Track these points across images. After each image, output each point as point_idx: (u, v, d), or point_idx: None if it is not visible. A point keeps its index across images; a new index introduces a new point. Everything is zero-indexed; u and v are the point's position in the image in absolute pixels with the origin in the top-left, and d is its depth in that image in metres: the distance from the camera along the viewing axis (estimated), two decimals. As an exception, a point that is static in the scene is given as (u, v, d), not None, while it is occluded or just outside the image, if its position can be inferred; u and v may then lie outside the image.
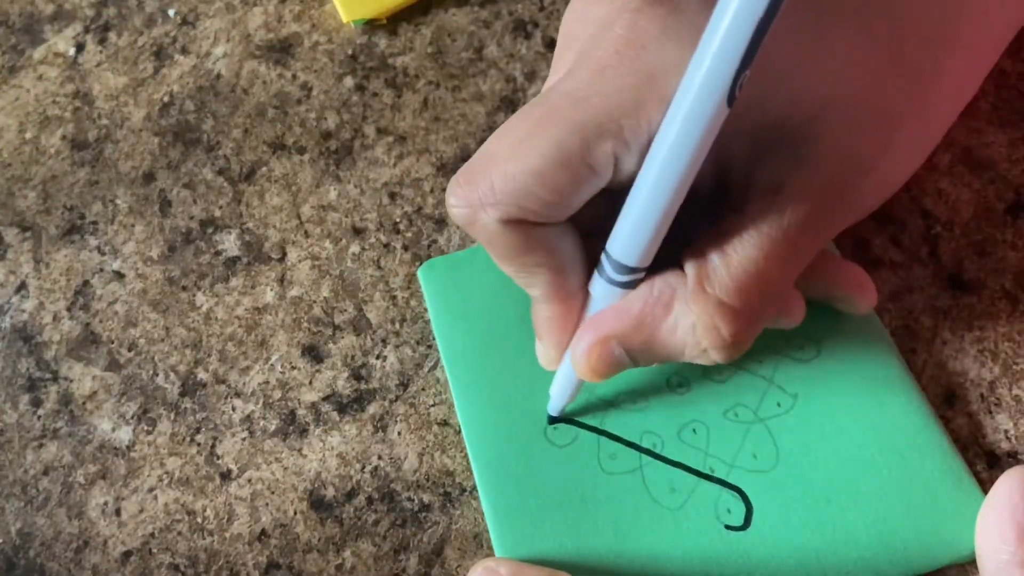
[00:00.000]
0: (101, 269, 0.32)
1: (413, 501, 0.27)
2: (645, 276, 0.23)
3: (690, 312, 0.23)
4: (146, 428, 0.29)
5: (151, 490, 0.28)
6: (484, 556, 0.26)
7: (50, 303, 0.32)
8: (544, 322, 0.25)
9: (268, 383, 0.29)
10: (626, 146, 0.21)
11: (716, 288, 0.22)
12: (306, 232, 0.32)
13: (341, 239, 0.32)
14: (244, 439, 0.29)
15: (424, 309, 0.30)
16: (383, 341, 0.30)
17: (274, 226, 0.32)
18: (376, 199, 0.33)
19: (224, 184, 0.34)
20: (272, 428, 0.29)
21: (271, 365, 0.30)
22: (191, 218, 0.33)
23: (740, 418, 0.27)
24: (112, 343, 0.31)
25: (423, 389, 0.29)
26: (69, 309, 0.31)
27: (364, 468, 0.28)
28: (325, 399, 0.29)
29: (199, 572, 0.27)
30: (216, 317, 0.31)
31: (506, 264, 0.24)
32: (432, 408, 0.29)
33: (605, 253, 0.23)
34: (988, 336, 0.29)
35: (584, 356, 0.24)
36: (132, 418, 0.29)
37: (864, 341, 0.28)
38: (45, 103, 0.36)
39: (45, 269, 0.32)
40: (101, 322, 0.31)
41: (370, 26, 0.37)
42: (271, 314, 0.31)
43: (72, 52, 0.37)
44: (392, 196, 0.33)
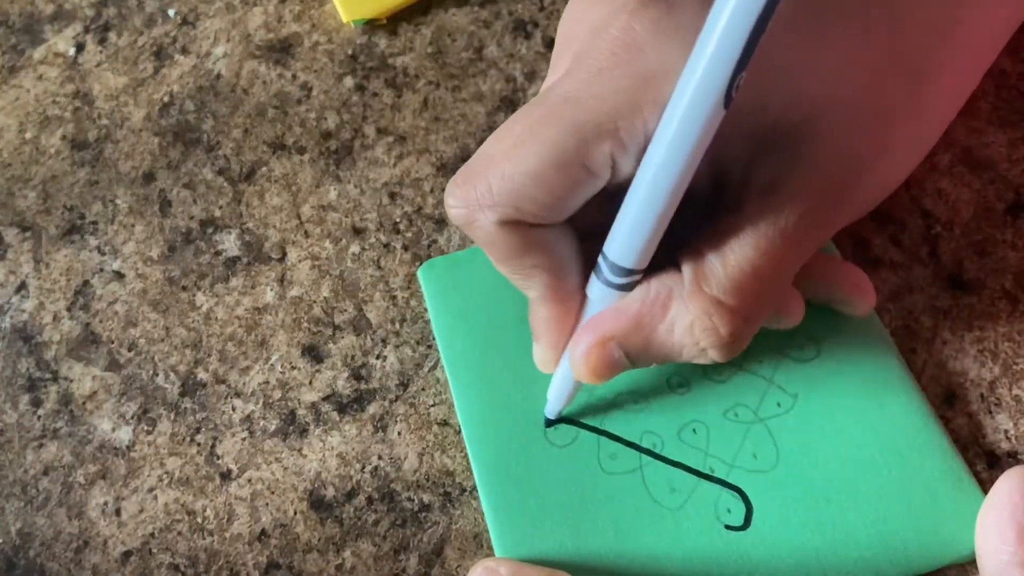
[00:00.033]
0: (101, 269, 0.32)
1: (413, 501, 0.27)
2: (642, 277, 0.23)
3: (688, 312, 0.23)
4: (146, 428, 0.29)
5: (151, 490, 0.28)
6: (484, 556, 0.26)
7: (50, 303, 0.32)
8: (541, 324, 0.25)
9: (268, 383, 0.29)
10: (623, 148, 0.21)
11: (713, 287, 0.22)
12: (306, 232, 0.32)
13: (341, 239, 0.32)
14: (244, 439, 0.29)
15: (424, 309, 0.30)
16: (383, 341, 0.30)
17: (274, 226, 0.32)
18: (376, 199, 0.33)
19: (224, 184, 0.34)
20: (272, 428, 0.29)
21: (271, 365, 0.30)
22: (191, 218, 0.33)
23: (740, 418, 0.27)
24: (112, 343, 0.31)
25: (423, 389, 0.29)
26: (69, 309, 0.31)
27: (364, 468, 0.28)
28: (325, 399, 0.29)
29: (199, 572, 0.27)
30: (216, 317, 0.31)
31: (504, 265, 0.24)
32: (432, 408, 0.29)
33: (602, 255, 0.23)
34: (988, 336, 0.29)
35: (583, 358, 0.24)
36: (132, 418, 0.29)
37: (864, 341, 0.28)
38: (45, 103, 0.36)
39: (45, 269, 0.32)
40: (101, 322, 0.31)
41: (370, 26, 0.37)
42: (271, 314, 0.31)
43: (72, 52, 0.37)
44: (392, 196, 0.33)
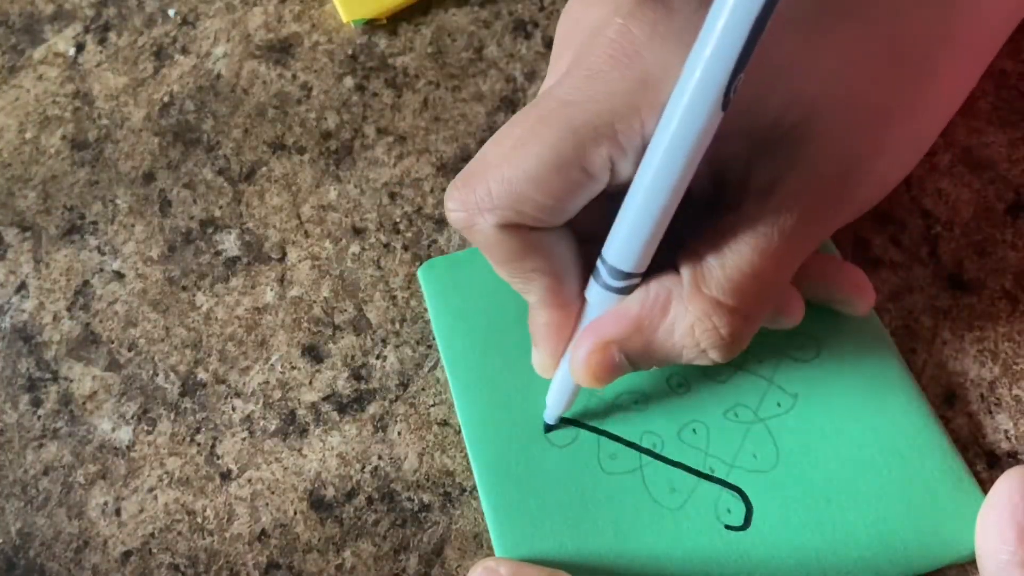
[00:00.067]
0: (101, 269, 0.32)
1: (413, 501, 0.27)
2: (641, 280, 0.23)
3: (687, 313, 0.23)
4: (146, 428, 0.29)
5: (151, 490, 0.28)
6: (484, 556, 0.26)
7: (50, 303, 0.32)
8: (541, 328, 0.25)
9: (268, 383, 0.29)
10: (621, 150, 0.21)
11: (712, 288, 0.22)
12: (306, 232, 0.32)
13: (341, 239, 0.32)
14: (244, 439, 0.29)
15: (424, 309, 0.30)
16: (383, 341, 0.30)
17: (274, 226, 0.32)
18: (376, 199, 0.33)
19: (224, 184, 0.34)
20: (272, 428, 0.29)
21: (271, 365, 0.30)
22: (191, 218, 0.33)
23: (740, 418, 0.27)
24: (112, 343, 0.31)
25: (423, 389, 0.29)
26: (69, 309, 0.31)
27: (364, 468, 0.28)
28: (325, 399, 0.29)
29: (199, 572, 0.27)
30: (216, 317, 0.31)
31: (503, 269, 0.24)
32: (432, 408, 0.29)
33: (601, 259, 0.23)
34: (988, 336, 0.29)
35: (584, 362, 0.24)
36: (132, 418, 0.29)
37: (864, 341, 0.28)
38: (45, 103, 0.36)
39: (45, 269, 0.32)
40: (101, 322, 0.31)
41: (370, 26, 0.37)
42: (271, 314, 0.31)
43: (72, 52, 0.37)
44: (392, 196, 0.33)
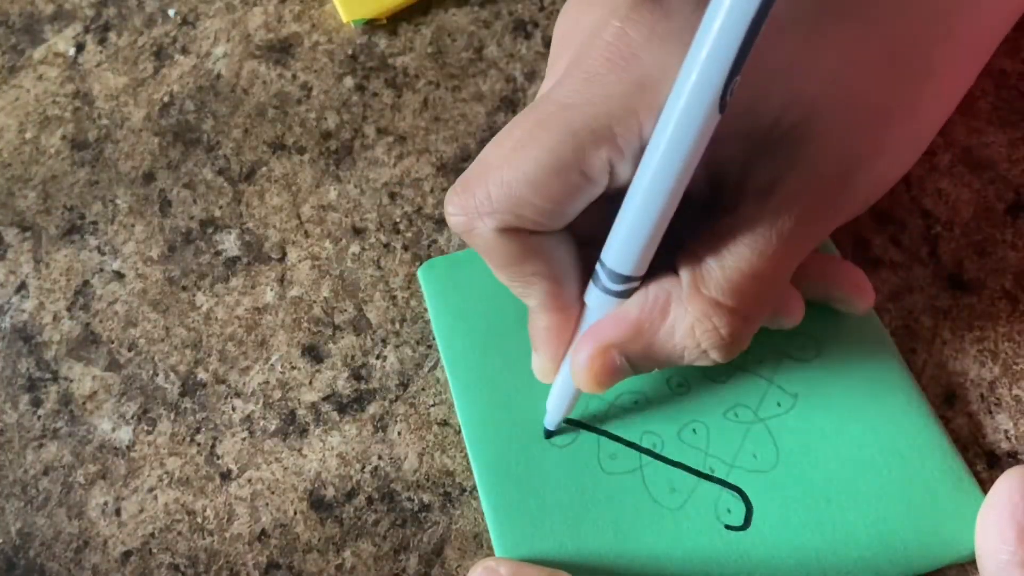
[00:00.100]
0: (101, 269, 0.32)
1: (413, 501, 0.27)
2: (640, 283, 0.23)
3: (687, 314, 0.23)
4: (146, 428, 0.29)
5: (151, 490, 0.28)
6: (484, 556, 0.26)
7: (50, 303, 0.32)
8: (541, 332, 0.25)
9: (268, 383, 0.29)
10: (620, 153, 0.21)
11: (712, 289, 0.22)
12: (306, 232, 0.32)
13: (341, 239, 0.32)
14: (244, 439, 0.29)
15: (424, 309, 0.30)
16: (383, 341, 0.30)
17: (274, 226, 0.32)
18: (376, 199, 0.33)
19: (224, 184, 0.34)
20: (272, 428, 0.29)
21: (271, 365, 0.30)
22: (191, 218, 0.33)
23: (740, 418, 0.27)
24: (112, 343, 0.31)
25: (423, 389, 0.29)
26: (69, 309, 0.31)
27: (364, 468, 0.28)
28: (325, 399, 0.29)
29: (199, 572, 0.27)
30: (216, 317, 0.31)
31: (503, 273, 0.24)
32: (432, 408, 0.29)
33: (600, 262, 0.23)
34: (988, 336, 0.29)
35: (585, 366, 0.24)
36: (132, 418, 0.29)
37: (864, 341, 0.28)
38: (45, 103, 0.36)
39: (45, 269, 0.32)
40: (101, 322, 0.31)
41: (370, 26, 0.37)
42: (271, 314, 0.31)
43: (72, 52, 0.37)
44: (392, 196, 0.33)
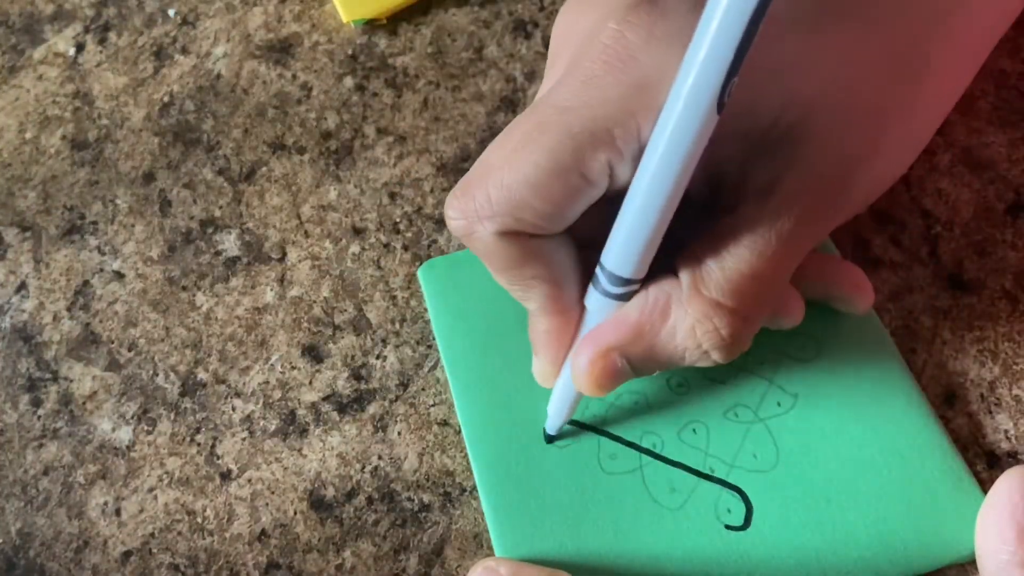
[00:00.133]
0: (101, 269, 0.32)
1: (413, 501, 0.27)
2: (640, 286, 0.23)
3: (688, 315, 0.23)
4: (146, 428, 0.29)
5: (151, 490, 0.28)
6: (484, 556, 0.26)
7: (50, 303, 0.32)
8: (541, 336, 0.25)
9: (268, 383, 0.29)
10: (619, 155, 0.21)
11: (712, 290, 0.22)
12: (306, 232, 0.32)
13: (341, 239, 0.32)
14: (244, 439, 0.29)
15: (424, 309, 0.30)
16: (383, 341, 0.30)
17: (274, 226, 0.32)
18: (376, 199, 0.33)
19: (224, 184, 0.34)
20: (272, 428, 0.29)
21: (271, 365, 0.30)
22: (191, 218, 0.33)
23: (740, 418, 0.27)
24: (112, 343, 0.31)
25: (423, 389, 0.29)
26: (69, 309, 0.31)
27: (364, 468, 0.28)
28: (325, 399, 0.29)
29: (199, 572, 0.27)
30: (216, 317, 0.31)
31: (503, 277, 0.24)
32: (432, 408, 0.29)
33: (599, 265, 0.23)
34: (988, 336, 0.29)
35: (586, 370, 0.24)
36: (132, 418, 0.29)
37: (864, 341, 0.28)
38: (45, 103, 0.36)
39: (45, 269, 0.32)
40: (101, 322, 0.31)
41: (370, 26, 0.37)
42: (271, 314, 0.31)
43: (72, 52, 0.37)
44: (392, 196, 0.33)
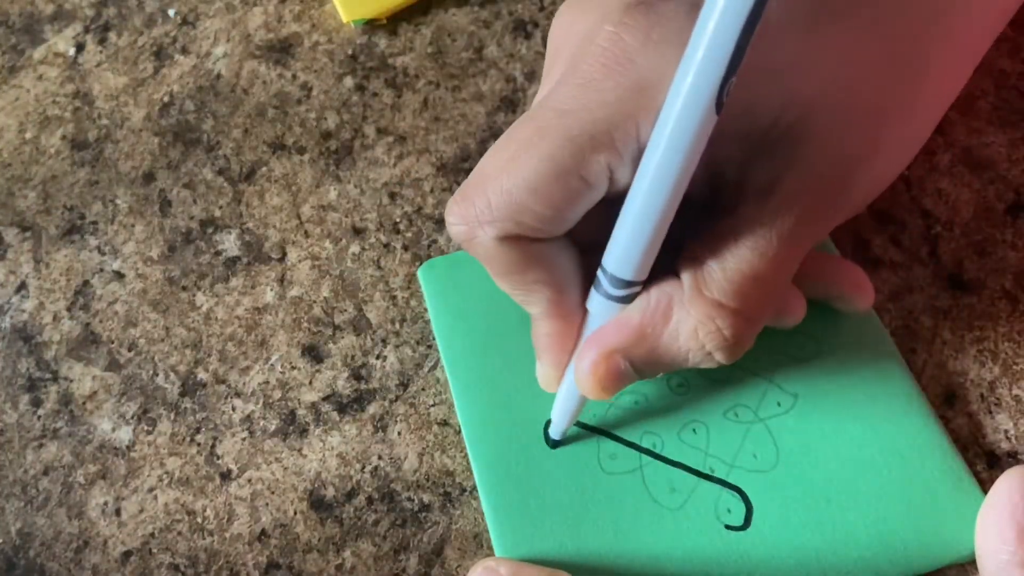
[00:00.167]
0: (101, 269, 0.32)
1: (413, 501, 0.27)
2: (642, 288, 0.23)
3: (690, 317, 0.23)
4: (146, 428, 0.29)
5: (151, 490, 0.28)
6: (484, 556, 0.26)
7: (50, 303, 0.32)
8: (544, 340, 0.25)
9: (268, 383, 0.29)
10: (619, 157, 0.21)
11: (714, 291, 0.22)
12: (306, 232, 0.32)
13: (341, 239, 0.32)
14: (244, 439, 0.29)
15: (424, 309, 0.30)
16: (383, 341, 0.30)
17: (274, 226, 0.32)
18: (376, 199, 0.33)
19: (224, 184, 0.34)
20: (272, 428, 0.29)
21: (271, 365, 0.30)
22: (191, 218, 0.33)
23: (740, 418, 0.27)
24: (112, 343, 0.31)
25: (423, 389, 0.29)
26: (69, 309, 0.31)
27: (364, 468, 0.28)
28: (325, 399, 0.29)
29: (199, 572, 0.27)
30: (216, 317, 0.31)
31: (504, 281, 0.24)
32: (432, 408, 0.29)
33: (601, 268, 0.23)
34: (988, 336, 0.29)
35: (589, 372, 0.24)
36: (132, 418, 0.29)
37: (864, 341, 0.28)
38: (45, 103, 0.36)
39: (45, 269, 0.32)
40: (101, 322, 0.31)
41: (370, 26, 0.37)
42: (271, 314, 0.31)
43: (72, 52, 0.37)
44: (392, 196, 0.33)
